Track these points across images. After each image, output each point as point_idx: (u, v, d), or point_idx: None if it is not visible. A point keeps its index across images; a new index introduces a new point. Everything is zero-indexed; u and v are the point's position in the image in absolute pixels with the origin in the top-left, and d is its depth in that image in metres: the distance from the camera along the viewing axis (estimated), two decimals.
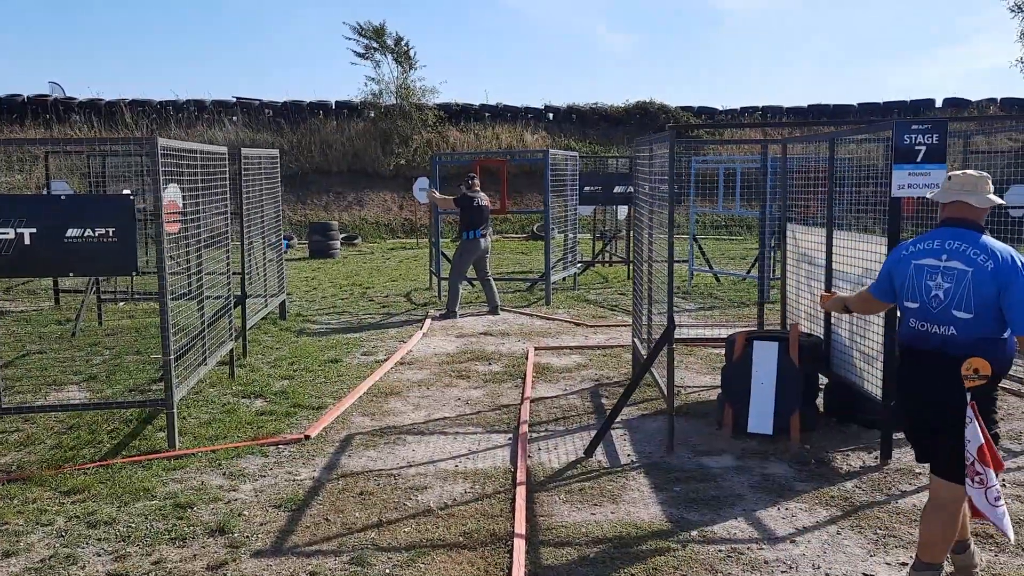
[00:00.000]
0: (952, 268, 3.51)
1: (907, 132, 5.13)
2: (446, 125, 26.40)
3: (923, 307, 3.60)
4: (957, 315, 3.47)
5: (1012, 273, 3.41)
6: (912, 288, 3.65)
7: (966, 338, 3.45)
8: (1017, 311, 3.38)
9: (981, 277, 3.42)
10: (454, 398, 7.01)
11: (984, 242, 3.53)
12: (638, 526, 4.43)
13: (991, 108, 28.78)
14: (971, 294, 3.43)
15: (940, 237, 3.62)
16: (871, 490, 4.89)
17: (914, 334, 3.63)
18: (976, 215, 3.64)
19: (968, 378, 3.38)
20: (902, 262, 3.73)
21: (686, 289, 13.33)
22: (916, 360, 3.65)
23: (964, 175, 3.70)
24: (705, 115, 28.71)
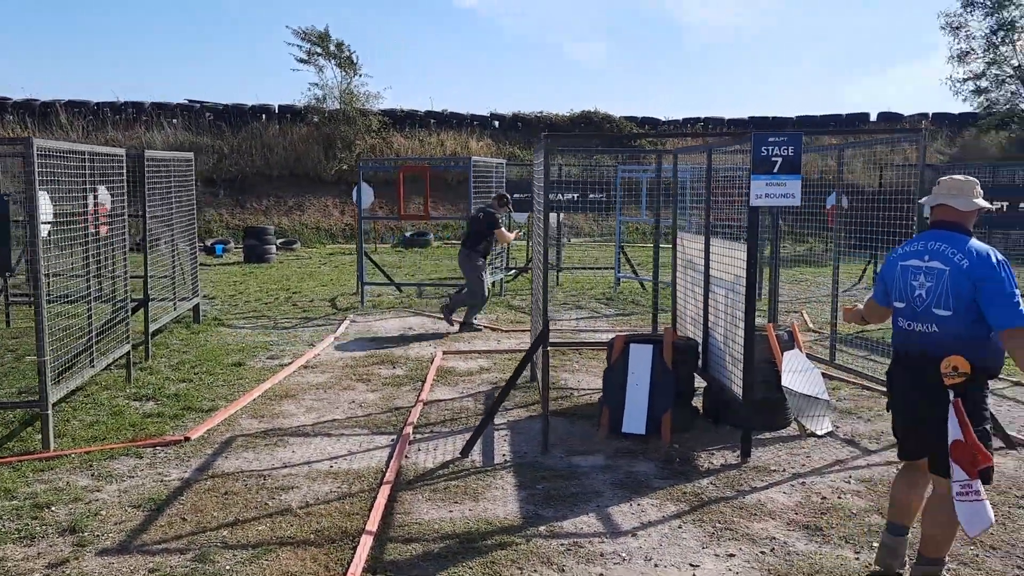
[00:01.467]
0: (933, 268, 3.65)
1: (764, 144, 5.35)
2: (391, 131, 26.44)
3: (909, 306, 3.75)
4: (938, 313, 3.60)
5: (986, 270, 3.51)
6: (899, 289, 3.80)
7: (947, 335, 3.58)
8: (992, 307, 3.48)
9: (957, 275, 3.55)
10: (349, 401, 7.08)
11: (964, 241, 3.66)
12: (490, 522, 4.55)
13: (923, 122, 29.64)
14: (949, 292, 3.56)
15: (925, 239, 3.78)
16: (723, 487, 5.08)
17: (903, 334, 3.79)
18: (961, 218, 3.77)
19: (948, 376, 3.49)
20: (891, 265, 3.89)
21: (610, 295, 13.56)
22: (903, 359, 3.80)
23: (951, 179, 3.85)
24: (648, 125, 29.13)
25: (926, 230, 3.86)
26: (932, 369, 3.52)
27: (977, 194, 3.80)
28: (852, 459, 5.58)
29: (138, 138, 23.63)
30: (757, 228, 5.44)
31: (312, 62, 26.04)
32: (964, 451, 3.41)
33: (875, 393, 7.27)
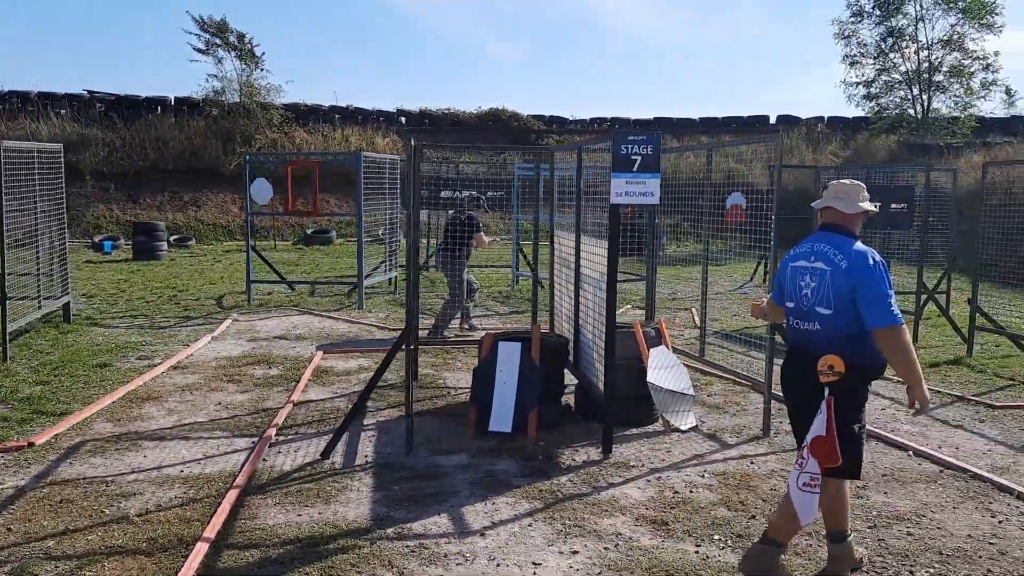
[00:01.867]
0: (817, 268, 3.77)
1: (624, 143, 5.38)
2: (293, 126, 25.87)
3: (797, 306, 3.87)
4: (820, 311, 3.72)
5: (863, 270, 3.62)
6: (790, 289, 3.92)
7: (828, 333, 3.69)
8: (866, 307, 3.58)
9: (837, 275, 3.66)
10: (215, 403, 6.84)
11: (846, 243, 3.77)
12: (337, 526, 4.44)
13: (819, 125, 30.71)
14: (830, 291, 3.68)
15: (812, 241, 3.90)
16: (581, 483, 5.09)
17: (792, 332, 3.93)
18: (845, 220, 3.87)
19: (823, 373, 3.56)
20: (784, 266, 4.01)
21: (508, 293, 13.56)
22: (792, 356, 3.93)
23: (838, 183, 3.95)
24: (556, 123, 29.32)
25: (816, 232, 3.97)
26: (815, 366, 3.62)
27: (863, 198, 3.91)
28: (711, 453, 5.68)
29: (22, 129, 22.46)
30: (618, 226, 5.47)
31: (211, 53, 25.28)
32: (823, 447, 3.50)
33: (745, 388, 7.44)
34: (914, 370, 3.59)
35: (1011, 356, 9.21)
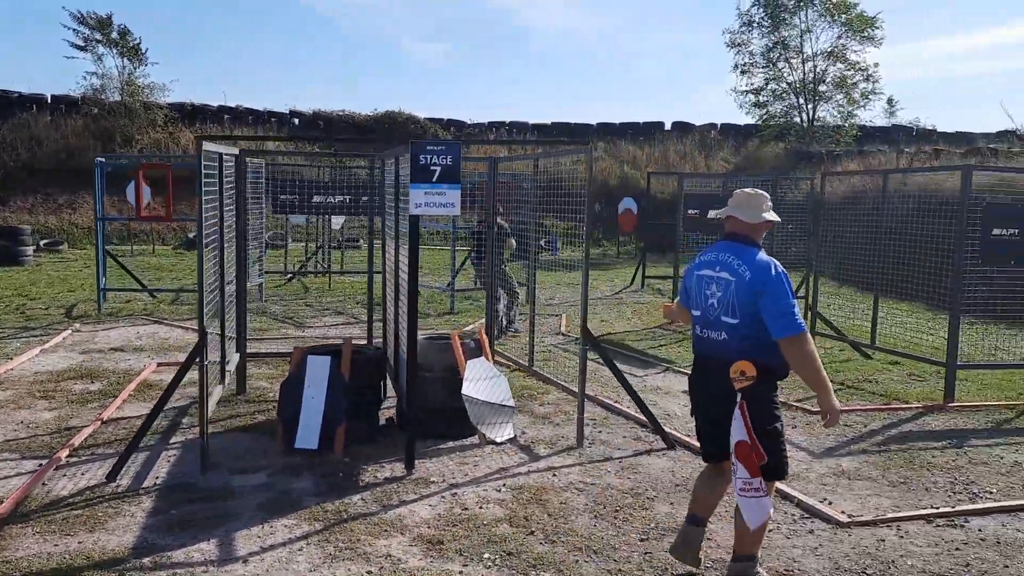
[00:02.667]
0: (722, 278, 3.79)
1: (423, 153, 5.29)
2: (178, 125, 25.06)
3: (703, 314, 3.89)
4: (726, 320, 3.76)
5: (766, 281, 3.66)
6: (696, 297, 3.95)
7: (735, 342, 3.72)
8: (770, 317, 3.63)
9: (741, 286, 3.70)
10: (18, 422, 6.46)
11: (749, 253, 3.80)
12: (91, 556, 4.20)
13: (712, 132, 31.47)
14: (735, 302, 3.71)
15: (717, 250, 3.92)
16: (372, 502, 4.96)
17: (699, 340, 3.94)
18: (748, 230, 3.90)
19: (736, 380, 3.61)
20: (689, 274, 4.03)
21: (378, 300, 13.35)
22: (700, 365, 3.96)
23: (740, 193, 3.95)
24: (453, 127, 29.23)
25: (720, 240, 4.00)
26: (724, 374, 3.66)
27: (766, 208, 3.93)
28: (518, 466, 5.63)
29: None
30: (416, 236, 5.37)
31: (90, 49, 24.26)
32: (746, 451, 3.57)
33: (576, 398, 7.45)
34: (820, 378, 3.65)
35: (850, 361, 9.52)
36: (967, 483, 5.45)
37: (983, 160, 18.81)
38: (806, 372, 3.66)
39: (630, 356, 9.55)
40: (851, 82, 29.15)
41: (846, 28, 28.72)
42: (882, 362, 9.33)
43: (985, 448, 6.23)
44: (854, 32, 28.77)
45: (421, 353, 6.25)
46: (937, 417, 7.12)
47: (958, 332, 7.62)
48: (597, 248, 25.66)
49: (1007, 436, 6.59)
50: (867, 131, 30.07)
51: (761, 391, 3.70)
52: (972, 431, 6.70)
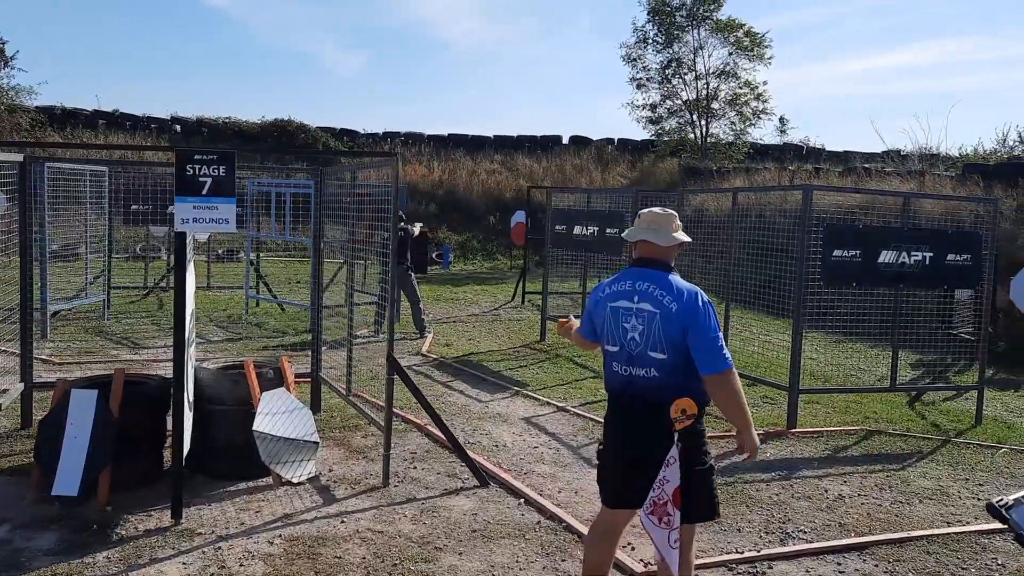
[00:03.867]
0: (643, 310, 3.46)
1: (190, 163, 4.71)
2: (46, 130, 23.57)
3: (623, 350, 3.52)
4: (654, 356, 3.43)
5: (693, 313, 3.38)
6: (611, 332, 3.57)
7: (666, 378, 3.41)
8: (700, 351, 3.35)
9: (667, 318, 3.39)
10: None
11: (670, 282, 3.48)
12: None
13: (608, 147, 31.56)
14: (662, 335, 3.40)
15: (631, 278, 3.56)
16: (118, 560, 4.33)
17: (618, 379, 3.55)
18: (662, 254, 3.59)
19: (677, 420, 3.29)
20: (599, 304, 3.64)
21: (235, 317, 12.59)
22: (624, 405, 3.55)
23: (649, 213, 3.62)
24: (347, 137, 28.44)
25: (630, 266, 3.64)
26: (655, 414, 3.36)
27: (676, 228, 3.63)
28: (305, 511, 5.07)
29: None
30: (184, 254, 4.78)
31: None
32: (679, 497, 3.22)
33: (409, 426, 6.96)
34: (745, 414, 3.42)
35: None
36: (783, 521, 5.16)
37: (858, 180, 19.20)
38: (732, 409, 3.43)
39: (484, 379, 9.10)
40: (742, 100, 29.64)
41: (736, 47, 29.21)
42: None
43: (813, 480, 5.99)
44: (743, 51, 29.28)
45: (210, 384, 5.66)
46: (775, 444, 6.89)
47: (799, 356, 7.44)
48: (490, 261, 25.29)
49: (840, 466, 6.38)
50: (759, 149, 30.62)
51: (693, 428, 3.40)
52: (805, 460, 6.48)
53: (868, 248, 7.51)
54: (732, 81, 29.62)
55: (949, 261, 7.86)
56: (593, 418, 7.40)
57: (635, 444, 3.51)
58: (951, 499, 5.74)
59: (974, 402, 8.15)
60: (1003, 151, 20.67)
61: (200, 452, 5.66)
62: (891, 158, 22.02)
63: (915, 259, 7.72)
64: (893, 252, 7.61)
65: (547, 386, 8.81)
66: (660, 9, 29.12)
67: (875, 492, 5.78)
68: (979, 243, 8.03)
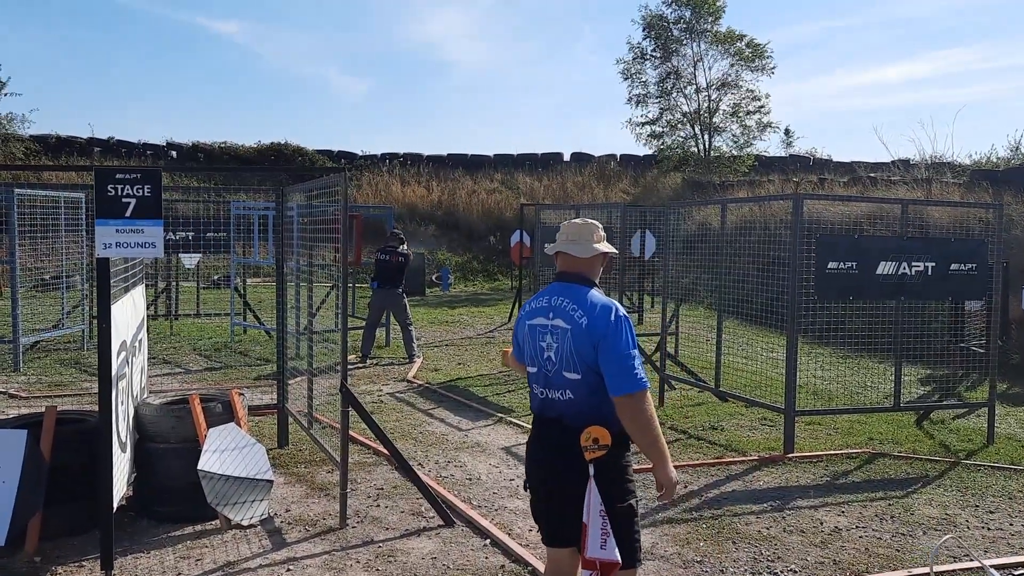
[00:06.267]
0: (557, 327, 3.19)
1: (111, 182, 4.34)
2: (41, 159, 23.46)
3: (541, 371, 3.25)
4: (568, 376, 3.15)
5: (604, 328, 3.08)
6: (530, 352, 3.31)
7: (581, 402, 3.12)
8: (610, 369, 3.04)
9: (578, 334, 3.11)
10: None
11: (585, 296, 3.19)
12: None
13: (611, 163, 31.23)
14: (574, 353, 3.11)
15: (549, 294, 3.30)
16: None
17: (538, 402, 3.29)
18: (582, 267, 3.30)
19: (588, 449, 3.00)
20: (520, 323, 3.40)
21: (220, 344, 12.25)
22: (540, 430, 3.28)
23: (569, 224, 3.38)
24: (345, 159, 28.24)
25: (552, 282, 3.37)
26: (571, 440, 3.05)
27: (599, 238, 3.35)
28: (249, 559, 4.65)
29: None
30: (108, 280, 4.40)
31: None
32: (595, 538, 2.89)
33: (380, 458, 6.55)
34: (657, 444, 3.06)
35: (702, 404, 8.86)
36: (772, 559, 4.70)
37: (864, 190, 18.77)
38: (642, 437, 3.05)
39: (468, 405, 8.69)
40: (744, 111, 29.28)
41: (737, 58, 28.88)
42: (736, 405, 8.69)
43: (808, 511, 5.52)
44: (745, 61, 28.95)
45: (152, 421, 5.28)
46: (770, 471, 6.43)
47: (795, 376, 6.99)
48: (491, 282, 24.93)
49: (838, 494, 5.91)
50: (764, 161, 30.21)
51: (616, 461, 3.09)
52: (801, 488, 6.01)
53: (865, 259, 7.08)
54: (734, 92, 29.28)
55: (953, 271, 7.41)
56: None
57: (553, 475, 3.18)
58: (958, 529, 5.27)
59: (985, 419, 7.66)
60: (1016, 159, 20.15)
61: (145, 494, 5.29)
62: (897, 167, 21.55)
63: (916, 270, 7.28)
64: (892, 263, 7.17)
65: None
66: (655, 24, 28.85)
67: (875, 523, 5.32)
68: (984, 251, 7.58)
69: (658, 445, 3.05)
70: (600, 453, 3.01)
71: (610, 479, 3.05)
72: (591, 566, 2.90)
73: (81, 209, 11.49)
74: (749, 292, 9.93)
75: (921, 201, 12.90)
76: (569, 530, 3.12)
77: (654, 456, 3.05)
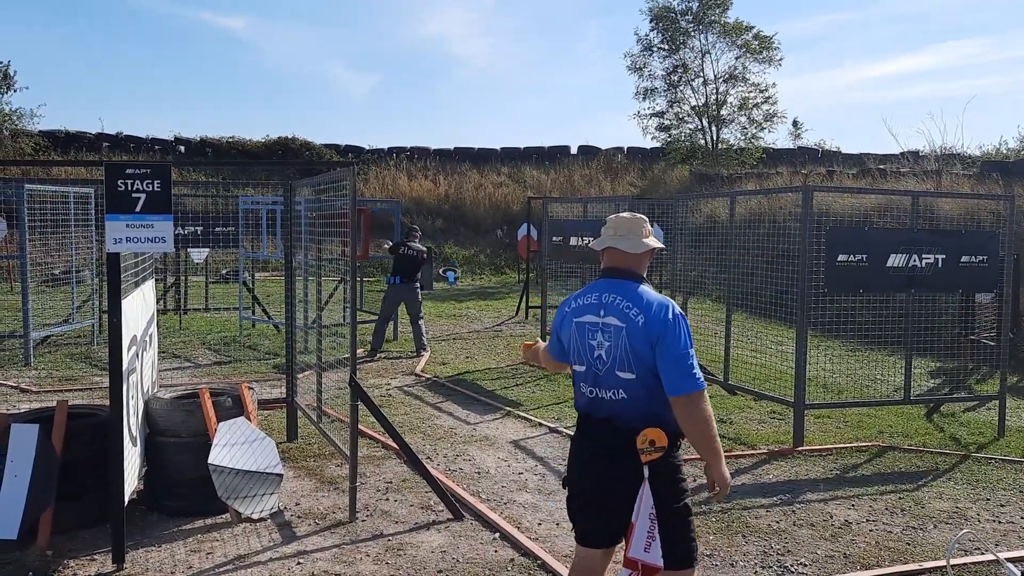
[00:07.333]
0: (610, 325, 3.11)
1: (121, 177, 4.36)
2: (51, 154, 23.52)
3: (590, 370, 3.17)
4: (622, 376, 3.08)
5: (663, 327, 3.02)
6: (577, 350, 3.23)
7: (636, 402, 3.05)
8: (668, 369, 2.99)
9: (634, 333, 3.04)
10: None
11: (639, 293, 3.12)
12: None
13: (618, 156, 31.14)
14: (629, 353, 3.05)
15: (598, 290, 3.21)
16: None
17: (585, 401, 3.21)
18: (631, 262, 3.23)
19: (644, 451, 2.95)
20: (566, 320, 3.30)
21: (229, 338, 12.27)
22: (588, 431, 3.19)
23: (616, 219, 3.30)
24: (352, 154, 28.23)
25: (598, 278, 3.31)
26: (623, 441, 3.00)
27: (647, 233, 3.28)
28: (259, 552, 4.67)
29: None
30: (118, 276, 4.42)
31: None
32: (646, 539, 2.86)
33: (389, 451, 6.56)
34: (713, 443, 3.02)
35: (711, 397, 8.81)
36: (782, 553, 4.69)
37: (873, 182, 18.67)
38: (700, 436, 3.01)
39: (476, 399, 8.68)
40: (751, 103, 29.12)
41: (744, 50, 28.73)
42: (745, 398, 8.67)
43: (818, 504, 5.51)
44: (753, 53, 28.79)
45: (163, 416, 5.30)
46: (779, 465, 6.42)
47: (804, 369, 6.96)
48: (499, 276, 24.92)
49: (848, 487, 5.90)
50: (772, 154, 30.08)
51: (671, 463, 3.06)
52: (811, 482, 6.00)
53: (875, 252, 7.04)
54: (741, 85, 29.13)
55: (964, 263, 7.37)
56: None
57: (599, 476, 3.11)
58: (969, 522, 5.25)
59: (996, 412, 7.63)
60: None
61: (155, 488, 5.31)
62: (907, 159, 21.44)
63: (927, 262, 7.24)
64: (903, 255, 7.13)
65: (542, 405, 8.38)
66: (663, 16, 28.70)
67: (886, 516, 5.30)
68: (995, 244, 7.53)
69: (714, 444, 3.01)
70: (656, 455, 2.97)
71: (663, 480, 3.01)
72: (632, 566, 2.87)
73: (90, 204, 11.52)
74: (758, 285, 9.91)
75: (931, 193, 12.83)
76: (608, 533, 3.10)
77: (709, 455, 3.02)
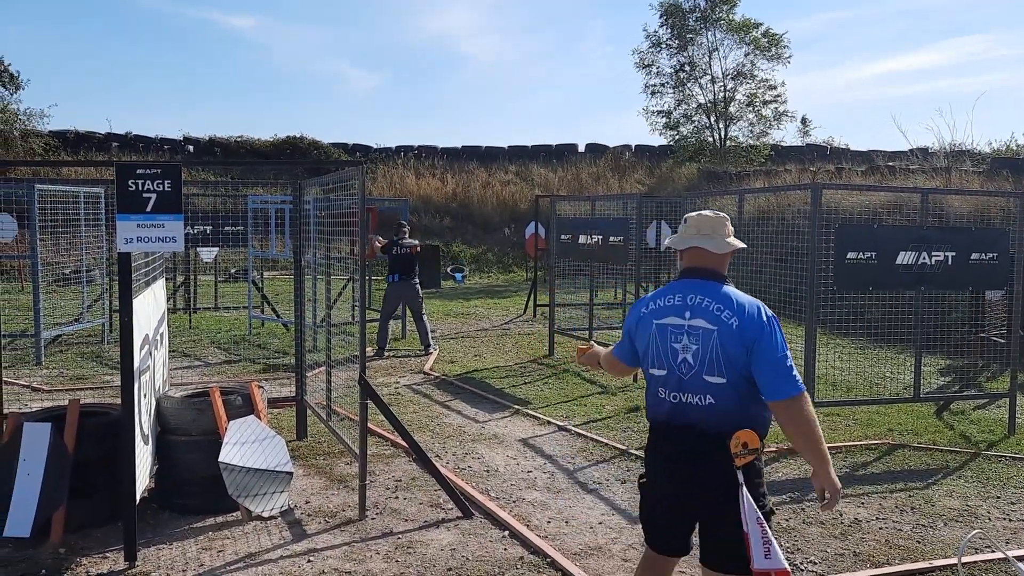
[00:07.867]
0: (697, 327, 3.01)
1: (132, 178, 4.38)
2: (60, 154, 23.64)
3: (673, 374, 3.06)
4: (711, 381, 2.97)
5: (758, 329, 2.94)
6: (657, 353, 3.11)
7: (726, 407, 2.95)
8: (763, 374, 2.91)
9: (727, 336, 2.94)
10: None
11: (727, 294, 3.04)
12: None
13: (626, 154, 31.11)
14: (720, 356, 2.95)
15: (682, 291, 3.11)
16: None
17: (665, 407, 3.08)
18: (715, 262, 3.15)
19: (739, 455, 2.87)
20: (643, 321, 3.19)
21: (239, 337, 12.32)
22: (670, 437, 3.07)
23: (699, 216, 3.21)
24: (359, 152, 28.29)
25: (678, 278, 3.22)
26: (711, 447, 2.93)
27: (729, 232, 3.21)
28: (271, 549, 4.70)
29: None
30: (129, 276, 4.44)
31: None
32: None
33: (399, 450, 6.58)
34: (820, 448, 2.90)
35: None
36: (792, 551, 4.69)
37: (882, 179, 18.60)
38: (804, 441, 2.91)
39: (484, 397, 8.70)
40: (760, 100, 29.06)
41: (753, 47, 28.66)
42: None
43: None
44: (761, 51, 28.73)
45: (173, 414, 5.33)
46: (788, 463, 6.41)
47: (813, 367, 6.94)
48: (507, 274, 24.93)
49: (858, 485, 5.89)
50: (781, 151, 29.99)
51: (755, 465, 2.99)
52: None
53: (884, 249, 7.02)
54: (749, 82, 29.07)
55: (974, 261, 7.33)
56: (594, 438, 6.97)
57: (686, 484, 3.02)
58: (979, 521, 5.24)
59: (1007, 410, 7.60)
60: None
61: (166, 486, 5.34)
62: (916, 156, 21.35)
63: (936, 259, 7.21)
64: (912, 253, 7.10)
65: (551, 403, 8.39)
66: (674, 11, 28.65)
67: (895, 515, 5.29)
68: (1006, 240, 7.50)
69: (820, 447, 2.89)
70: (750, 458, 2.90)
71: (754, 482, 2.95)
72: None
73: (101, 204, 11.58)
74: (766, 283, 9.89)
75: (941, 190, 12.77)
76: (684, 540, 3.10)
77: (816, 460, 2.90)
